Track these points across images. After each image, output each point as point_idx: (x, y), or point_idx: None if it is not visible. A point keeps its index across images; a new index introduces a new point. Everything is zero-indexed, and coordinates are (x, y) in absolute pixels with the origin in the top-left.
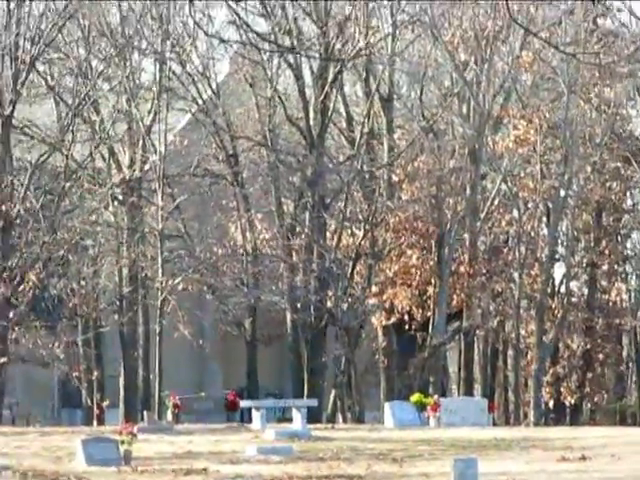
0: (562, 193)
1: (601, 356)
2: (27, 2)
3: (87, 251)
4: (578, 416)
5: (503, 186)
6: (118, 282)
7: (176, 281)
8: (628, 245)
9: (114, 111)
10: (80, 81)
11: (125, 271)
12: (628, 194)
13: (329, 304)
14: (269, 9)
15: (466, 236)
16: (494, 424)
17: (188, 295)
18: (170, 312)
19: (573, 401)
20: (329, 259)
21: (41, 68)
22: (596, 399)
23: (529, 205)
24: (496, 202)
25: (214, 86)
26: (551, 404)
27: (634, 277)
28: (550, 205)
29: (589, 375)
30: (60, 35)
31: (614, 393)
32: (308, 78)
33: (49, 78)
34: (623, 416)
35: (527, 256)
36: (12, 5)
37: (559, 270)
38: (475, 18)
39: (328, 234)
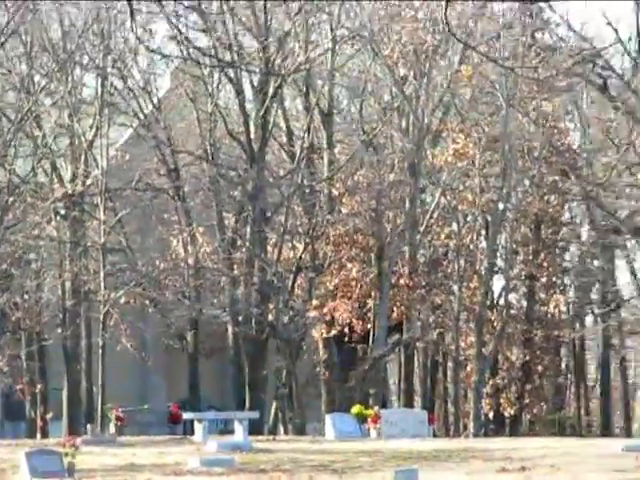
0: (501, 206)
1: (540, 368)
2: None
3: (30, 265)
4: (517, 427)
5: (442, 199)
6: (61, 296)
7: (118, 294)
8: (566, 257)
9: (56, 126)
10: (22, 96)
11: (68, 285)
12: (566, 207)
13: (270, 317)
14: (210, 24)
15: (406, 249)
16: (434, 435)
17: (130, 308)
18: (113, 325)
19: (512, 412)
20: (270, 272)
21: None
22: (535, 410)
23: (468, 218)
24: (435, 215)
25: (155, 101)
26: (491, 415)
27: (572, 289)
28: (489, 218)
29: (528, 386)
30: (2, 51)
31: (553, 404)
32: (249, 93)
33: None
34: (562, 427)
35: (466, 269)
36: None
37: (498, 282)
38: (414, 33)
39: (269, 247)
